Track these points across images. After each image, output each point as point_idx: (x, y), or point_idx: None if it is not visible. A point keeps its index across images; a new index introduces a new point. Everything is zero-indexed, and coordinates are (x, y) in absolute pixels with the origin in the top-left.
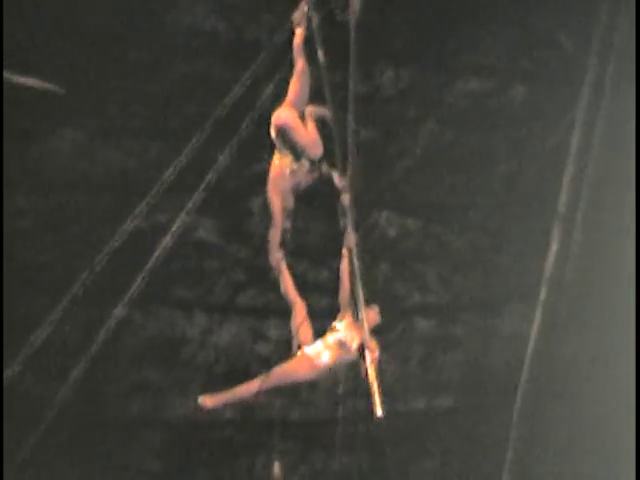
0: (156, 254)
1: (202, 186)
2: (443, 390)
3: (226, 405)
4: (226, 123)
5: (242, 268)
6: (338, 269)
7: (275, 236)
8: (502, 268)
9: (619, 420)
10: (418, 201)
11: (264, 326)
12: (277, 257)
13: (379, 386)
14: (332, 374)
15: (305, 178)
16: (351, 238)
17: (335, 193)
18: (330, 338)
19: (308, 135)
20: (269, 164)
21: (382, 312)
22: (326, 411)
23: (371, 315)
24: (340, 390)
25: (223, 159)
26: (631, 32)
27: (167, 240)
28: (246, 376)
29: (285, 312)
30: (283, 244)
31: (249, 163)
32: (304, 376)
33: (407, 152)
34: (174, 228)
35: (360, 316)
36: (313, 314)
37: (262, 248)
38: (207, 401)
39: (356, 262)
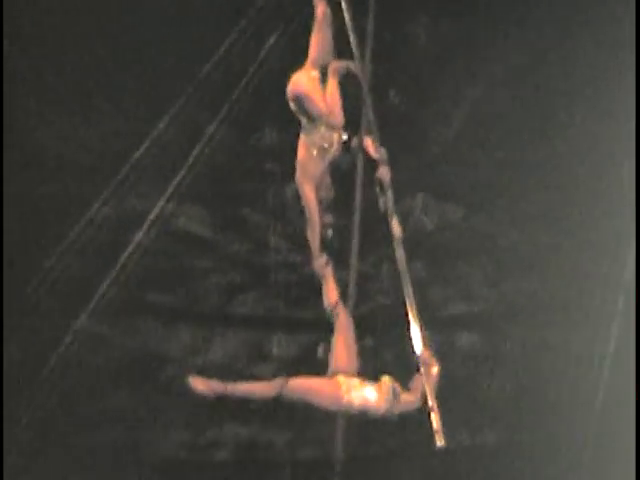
0: (129, 250)
1: (187, 164)
2: (489, 423)
3: (219, 394)
4: (217, 86)
5: (238, 268)
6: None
7: (314, 236)
8: (564, 271)
9: None
10: (459, 184)
11: (265, 342)
12: (320, 262)
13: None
14: (357, 414)
15: (339, 154)
16: (396, 225)
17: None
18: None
19: (327, 101)
20: (272, 138)
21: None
22: (343, 448)
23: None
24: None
25: (214, 131)
26: (631, 31)
27: (143, 232)
28: (241, 405)
29: (293, 324)
30: (325, 245)
31: (246, 136)
32: (326, 403)
33: (446, 121)
34: (152, 217)
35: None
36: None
37: (263, 242)
38: (198, 384)
39: (404, 265)
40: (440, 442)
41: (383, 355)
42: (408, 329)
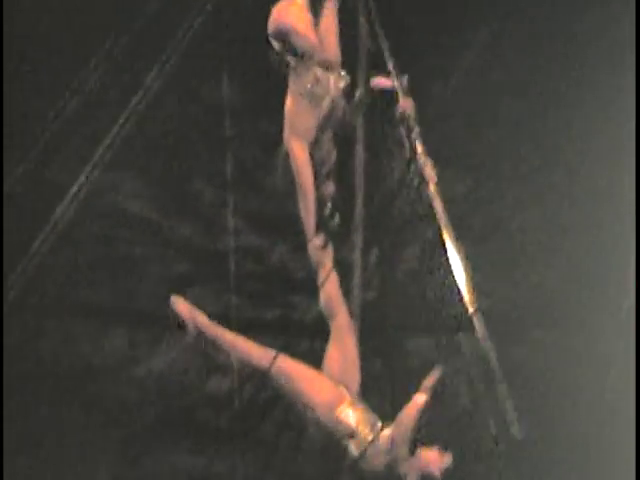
0: (45, 232)
1: (118, 125)
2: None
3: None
4: (158, 25)
5: (187, 256)
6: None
7: (308, 210)
8: (584, 262)
9: None
10: (464, 146)
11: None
12: (315, 244)
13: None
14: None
15: (339, 104)
16: (430, 171)
17: None
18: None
19: (320, 34)
20: (232, 90)
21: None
22: None
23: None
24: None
25: (153, 82)
26: (631, 31)
27: (63, 210)
28: (191, 427)
29: (257, 327)
30: (323, 223)
31: (197, 88)
32: (314, 404)
33: (447, 70)
34: (74, 190)
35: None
36: None
37: (219, 224)
38: (179, 304)
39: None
40: (519, 434)
41: (389, 369)
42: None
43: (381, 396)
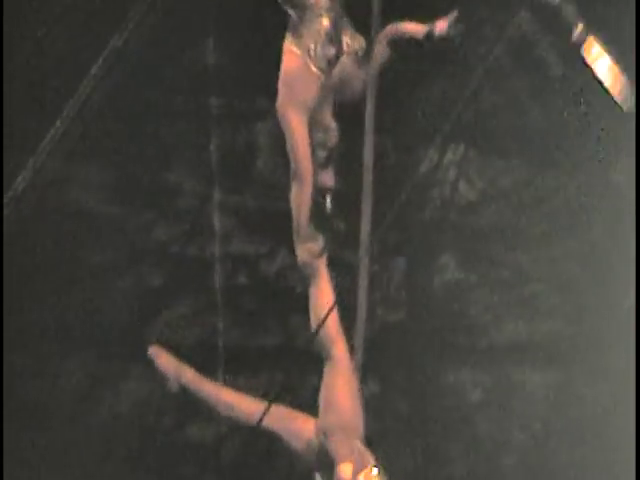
0: None
1: (70, 102)
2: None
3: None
4: None
5: (162, 266)
6: None
7: (302, 202)
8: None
9: None
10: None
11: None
12: (310, 249)
13: None
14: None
15: (352, 71)
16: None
17: None
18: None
19: None
20: (219, 54)
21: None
22: None
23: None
24: None
25: (116, 43)
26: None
27: (9, 208)
28: None
29: (247, 357)
30: (320, 222)
31: (172, 51)
32: (297, 443)
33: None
34: (20, 183)
35: None
36: None
37: (199, 227)
38: (161, 357)
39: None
40: None
41: (420, 413)
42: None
43: (410, 448)
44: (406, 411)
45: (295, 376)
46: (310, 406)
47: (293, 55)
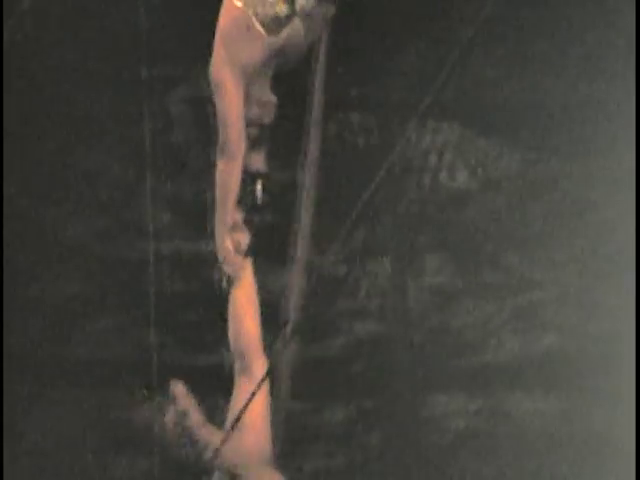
0: None
1: None
2: None
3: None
4: None
5: (85, 269)
6: None
7: (230, 180)
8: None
9: None
10: (514, 108)
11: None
12: (235, 239)
13: None
14: None
15: (298, 35)
16: None
17: None
18: None
19: None
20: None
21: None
22: None
23: None
24: None
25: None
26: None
27: None
28: None
29: (191, 375)
30: (249, 211)
31: (101, 11)
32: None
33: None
34: None
35: None
36: None
37: (128, 221)
38: (180, 390)
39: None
40: None
41: (401, 444)
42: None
43: None
44: (377, 444)
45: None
46: None
47: (234, 8)
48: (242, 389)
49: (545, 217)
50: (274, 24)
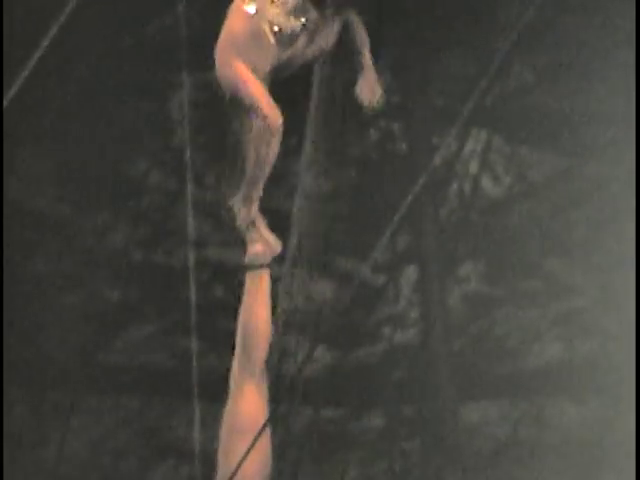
0: None
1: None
2: None
3: None
4: None
5: (123, 277)
6: None
7: (270, 145)
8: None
9: None
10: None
11: (165, 419)
12: (250, 215)
13: None
14: None
15: (301, 50)
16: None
17: None
18: None
19: None
20: None
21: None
22: None
23: None
24: None
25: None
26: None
27: None
28: None
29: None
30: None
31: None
32: None
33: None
34: None
35: None
36: None
37: (167, 229)
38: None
39: None
40: None
41: (434, 450)
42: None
43: None
44: (417, 451)
45: (284, 405)
46: (302, 436)
47: (247, 16)
48: (243, 390)
49: (586, 223)
50: (285, 37)
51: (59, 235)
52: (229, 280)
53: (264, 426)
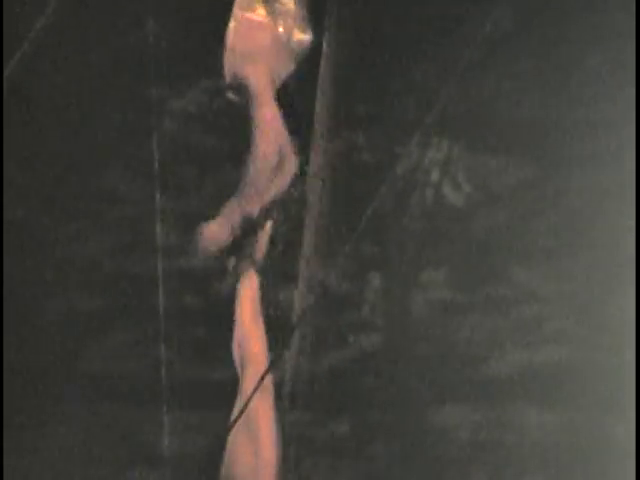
0: None
1: None
2: None
3: None
4: None
5: (96, 286)
6: None
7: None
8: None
9: None
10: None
11: (147, 425)
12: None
13: None
14: None
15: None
16: None
17: None
18: None
19: None
20: None
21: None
22: None
23: None
24: None
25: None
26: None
27: None
28: None
29: (202, 390)
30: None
31: (109, 31)
32: None
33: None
34: None
35: None
36: None
37: (139, 238)
38: None
39: None
40: None
41: (403, 455)
42: None
43: None
44: (382, 456)
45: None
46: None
47: (266, 26)
48: (244, 396)
49: (549, 231)
50: (296, 47)
51: (35, 243)
52: (198, 287)
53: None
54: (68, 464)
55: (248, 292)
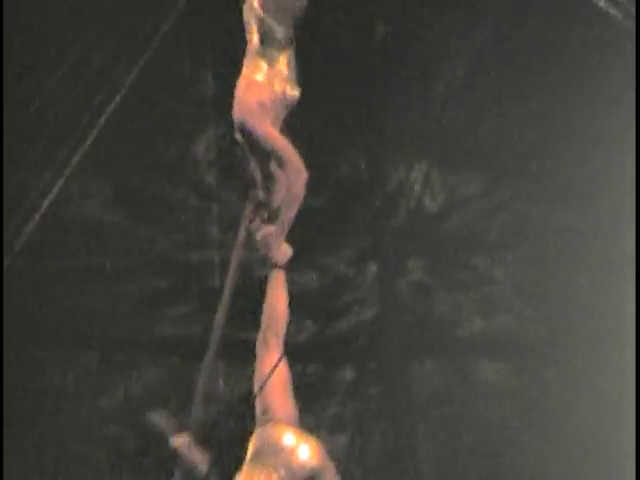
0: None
1: (86, 122)
2: None
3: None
4: None
5: (164, 270)
6: None
7: (297, 192)
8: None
9: None
10: (474, 147)
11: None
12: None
13: None
14: None
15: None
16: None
17: None
18: None
19: None
20: None
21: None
22: None
23: None
24: None
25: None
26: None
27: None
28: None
29: (247, 349)
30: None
31: (174, 82)
32: None
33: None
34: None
35: None
36: None
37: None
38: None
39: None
40: None
41: (389, 397)
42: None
43: (381, 426)
44: (378, 394)
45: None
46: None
47: (262, 87)
48: (264, 359)
49: (502, 229)
50: (288, 101)
51: (122, 242)
52: (243, 272)
53: (279, 360)
54: (151, 404)
55: (278, 275)
